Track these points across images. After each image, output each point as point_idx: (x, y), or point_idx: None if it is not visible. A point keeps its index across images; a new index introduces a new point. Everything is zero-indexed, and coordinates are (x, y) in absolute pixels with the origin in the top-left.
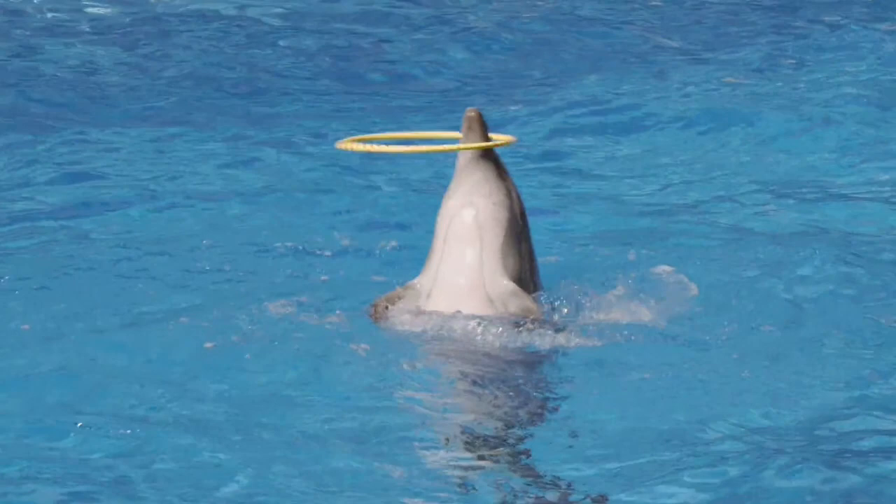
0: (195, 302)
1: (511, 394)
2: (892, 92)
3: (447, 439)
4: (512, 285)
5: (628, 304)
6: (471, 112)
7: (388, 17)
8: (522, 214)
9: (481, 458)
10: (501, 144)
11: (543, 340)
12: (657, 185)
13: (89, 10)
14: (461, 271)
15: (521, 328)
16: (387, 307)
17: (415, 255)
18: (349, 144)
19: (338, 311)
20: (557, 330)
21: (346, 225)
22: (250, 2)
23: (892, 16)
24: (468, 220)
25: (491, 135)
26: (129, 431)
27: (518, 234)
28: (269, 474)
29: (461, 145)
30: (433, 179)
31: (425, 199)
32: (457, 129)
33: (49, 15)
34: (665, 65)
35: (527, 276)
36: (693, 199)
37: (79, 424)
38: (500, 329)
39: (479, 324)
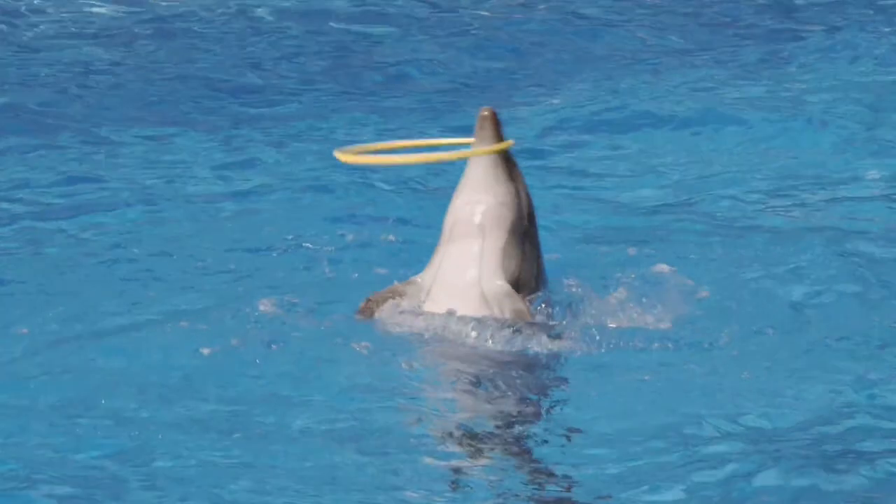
0: (194, 302)
1: (509, 393)
2: (888, 92)
3: (445, 438)
4: (506, 286)
5: (627, 305)
6: (485, 111)
7: (385, 16)
8: (530, 216)
9: (479, 456)
10: (490, 152)
11: (536, 344)
12: (656, 184)
13: (87, 10)
14: (460, 269)
15: (514, 331)
16: (374, 308)
17: (415, 250)
18: (349, 157)
19: (337, 315)
20: (552, 335)
21: (347, 223)
22: (247, 2)
23: (888, 17)
24: (471, 219)
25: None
26: (128, 433)
27: (522, 235)
28: (267, 473)
29: (453, 153)
30: (431, 176)
31: (425, 195)
32: (455, 130)
33: (46, 15)
34: (662, 65)
35: (528, 278)
36: (691, 198)
37: (77, 426)
38: (493, 331)
39: (473, 325)
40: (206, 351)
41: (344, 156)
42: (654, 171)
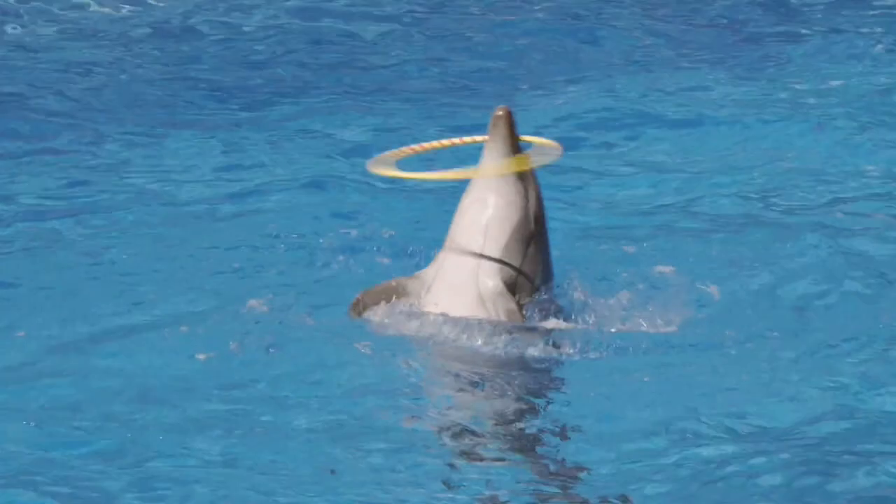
0: (194, 303)
1: (507, 392)
2: (885, 91)
3: (442, 437)
4: (500, 286)
5: (626, 305)
6: (500, 111)
7: (384, 16)
8: (538, 219)
9: (477, 455)
10: (520, 169)
11: (531, 346)
12: (654, 183)
13: (85, 10)
14: (460, 266)
15: (507, 333)
16: (365, 304)
17: (417, 248)
18: (381, 170)
19: (337, 315)
20: (546, 337)
21: (348, 222)
22: (246, 2)
23: (884, 18)
24: (476, 216)
25: (534, 138)
26: (127, 433)
27: (527, 237)
28: (266, 472)
29: (488, 170)
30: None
31: (426, 193)
32: (455, 130)
33: (45, 15)
34: (660, 66)
35: (529, 280)
36: (690, 198)
37: (76, 427)
38: (486, 332)
39: (466, 326)
40: (201, 357)
41: (375, 167)
42: (653, 170)
